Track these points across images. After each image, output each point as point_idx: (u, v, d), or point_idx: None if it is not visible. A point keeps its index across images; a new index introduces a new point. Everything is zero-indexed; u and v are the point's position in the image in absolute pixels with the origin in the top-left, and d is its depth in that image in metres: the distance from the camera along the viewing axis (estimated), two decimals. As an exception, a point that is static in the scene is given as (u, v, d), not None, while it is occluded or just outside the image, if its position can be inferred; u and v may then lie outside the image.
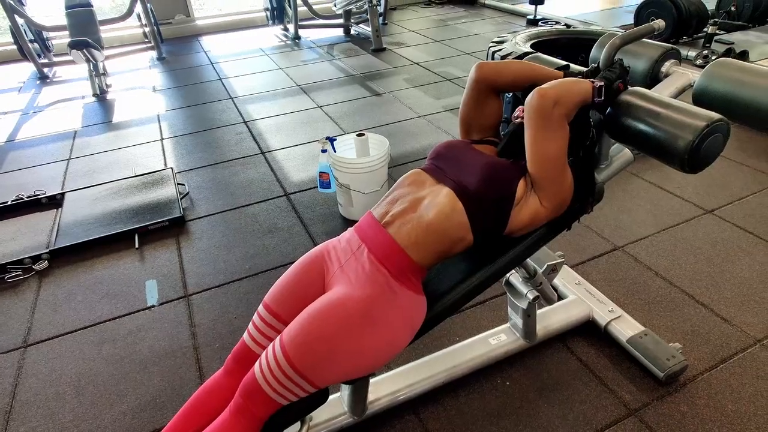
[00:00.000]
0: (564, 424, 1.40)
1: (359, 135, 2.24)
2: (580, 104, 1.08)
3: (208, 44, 5.46)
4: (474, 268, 1.15)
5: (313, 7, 5.41)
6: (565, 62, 1.38)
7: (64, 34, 4.32)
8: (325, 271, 1.10)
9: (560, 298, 1.76)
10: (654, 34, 1.17)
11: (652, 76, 1.33)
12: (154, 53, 5.06)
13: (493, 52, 2.82)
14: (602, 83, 1.09)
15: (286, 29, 5.73)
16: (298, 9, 5.33)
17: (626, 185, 2.50)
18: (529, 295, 1.43)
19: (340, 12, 5.37)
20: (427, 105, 3.57)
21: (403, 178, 1.15)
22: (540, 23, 5.23)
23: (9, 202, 2.57)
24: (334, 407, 1.38)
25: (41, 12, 5.42)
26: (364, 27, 5.27)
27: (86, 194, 2.64)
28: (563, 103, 1.03)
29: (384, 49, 4.88)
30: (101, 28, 4.36)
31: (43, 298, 1.99)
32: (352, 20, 5.46)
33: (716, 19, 3.95)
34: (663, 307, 1.77)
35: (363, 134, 2.24)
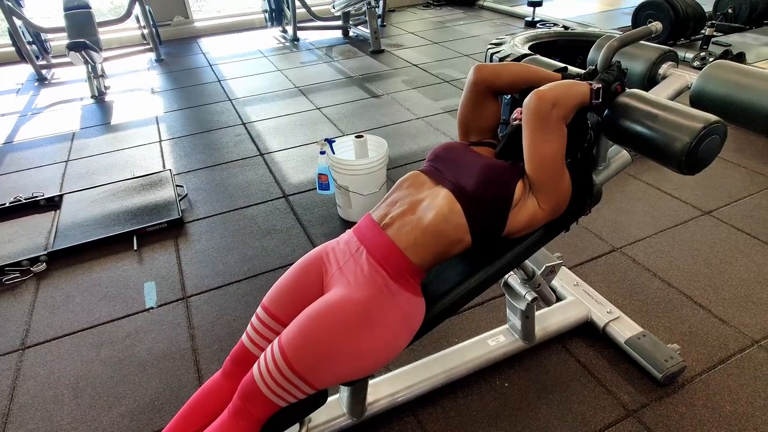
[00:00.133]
0: (562, 425, 1.40)
1: (358, 137, 2.24)
2: (578, 106, 1.08)
3: (207, 46, 5.46)
4: (472, 270, 1.15)
5: (312, 9, 5.41)
6: (563, 64, 1.38)
7: (63, 35, 4.31)
8: (323, 273, 1.11)
9: (559, 299, 1.76)
10: (651, 36, 1.17)
11: (650, 78, 1.33)
12: (152, 55, 5.06)
13: (492, 54, 2.82)
14: (600, 85, 1.09)
15: (285, 31, 5.73)
16: (297, 11, 5.33)
17: (624, 187, 2.50)
18: (528, 297, 1.43)
19: (339, 14, 5.38)
20: (426, 107, 3.57)
21: (401, 180, 1.15)
22: (538, 25, 5.24)
23: (7, 204, 2.57)
24: (333, 409, 1.38)
25: (39, 13, 5.43)
26: (363, 29, 5.28)
27: (84, 196, 2.64)
28: (561, 105, 1.03)
29: (382, 50, 4.89)
30: (100, 30, 4.36)
31: (41, 300, 1.98)
32: (351, 22, 5.47)
33: (713, 21, 3.96)
34: (661, 309, 1.78)
35: (362, 136, 2.25)
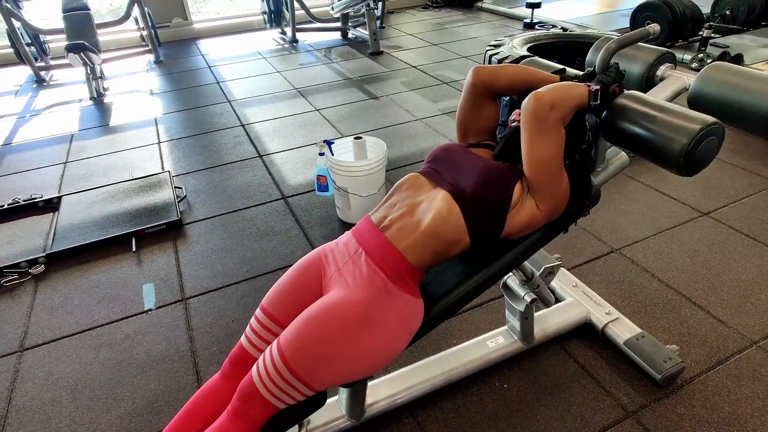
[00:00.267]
0: (562, 426, 1.40)
1: (357, 138, 2.24)
2: (576, 108, 1.08)
3: (206, 47, 5.46)
4: (471, 271, 1.15)
5: (311, 11, 5.41)
6: (561, 66, 1.38)
7: (61, 37, 4.31)
8: (322, 275, 1.11)
9: (557, 300, 1.76)
10: (649, 38, 1.18)
11: (648, 80, 1.34)
12: (151, 56, 5.06)
13: (491, 56, 2.83)
14: (598, 87, 1.09)
15: (284, 32, 5.73)
16: (296, 12, 5.34)
17: (623, 188, 2.51)
18: (527, 298, 1.43)
19: (338, 15, 5.38)
20: (425, 108, 3.58)
21: (400, 183, 1.15)
22: (537, 27, 5.25)
23: (5, 206, 2.56)
24: (332, 410, 1.38)
25: (38, 15, 5.42)
26: (362, 30, 5.29)
27: (83, 198, 2.63)
28: (559, 107, 1.03)
29: (381, 52, 4.89)
30: (98, 32, 4.36)
31: (40, 302, 1.98)
32: (350, 23, 5.48)
33: (711, 23, 3.97)
34: (660, 310, 1.78)
35: (361, 137, 2.25)
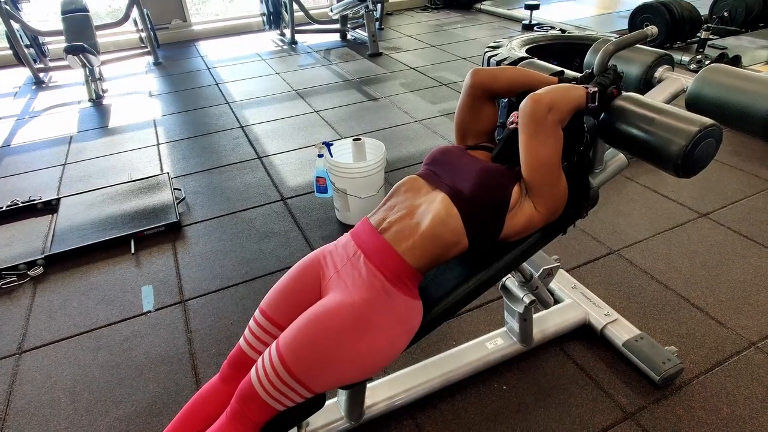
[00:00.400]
0: (561, 427, 1.40)
1: (356, 140, 2.24)
2: (575, 110, 1.08)
3: (205, 49, 5.46)
4: (470, 273, 1.15)
5: (310, 12, 5.42)
6: (559, 68, 1.39)
7: (60, 39, 4.32)
8: (321, 277, 1.11)
9: (556, 302, 1.76)
10: (647, 39, 1.18)
11: (646, 82, 1.34)
12: (150, 58, 5.05)
13: (489, 57, 2.83)
14: (596, 89, 1.09)
15: (283, 34, 5.74)
16: (295, 14, 5.35)
17: (621, 189, 2.51)
18: (526, 299, 1.43)
19: (337, 17, 5.39)
20: (424, 110, 3.58)
21: (398, 185, 1.15)
22: (535, 28, 5.26)
23: (4, 208, 2.56)
24: (331, 412, 1.37)
25: (37, 17, 5.42)
26: (361, 32, 5.29)
27: (82, 199, 2.63)
28: (557, 109, 1.03)
29: (380, 53, 4.90)
30: (97, 33, 4.36)
31: (38, 304, 1.98)
32: (349, 25, 5.49)
33: (709, 25, 3.99)
34: (659, 311, 1.78)
35: (360, 139, 2.25)
